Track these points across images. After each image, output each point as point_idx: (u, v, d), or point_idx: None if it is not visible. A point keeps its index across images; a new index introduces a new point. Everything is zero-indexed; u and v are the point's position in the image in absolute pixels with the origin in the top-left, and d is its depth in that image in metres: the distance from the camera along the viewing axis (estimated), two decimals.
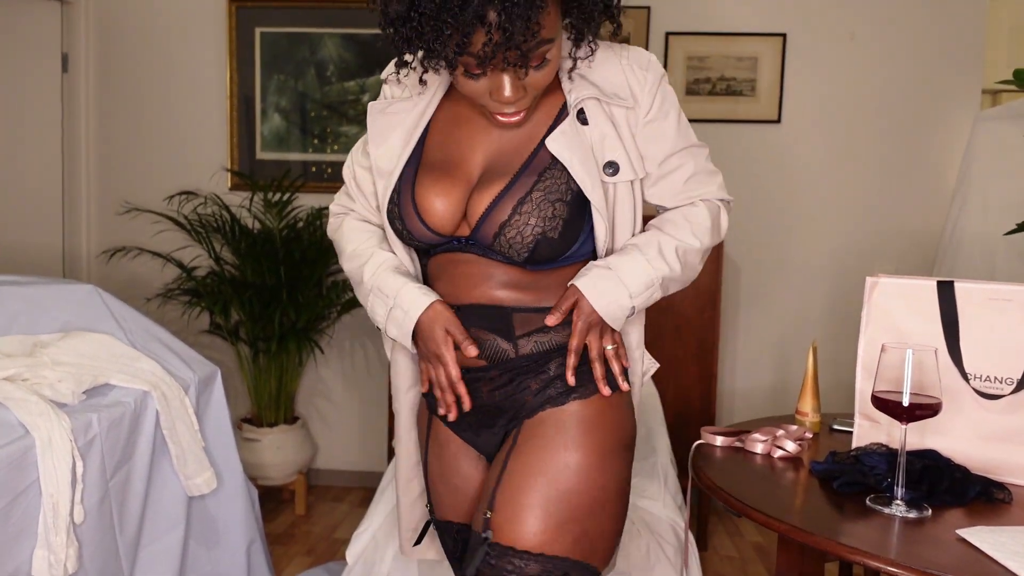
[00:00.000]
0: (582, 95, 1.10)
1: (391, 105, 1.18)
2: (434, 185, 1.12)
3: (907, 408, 1.14)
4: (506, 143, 1.13)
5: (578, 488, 1.08)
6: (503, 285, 1.12)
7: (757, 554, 2.76)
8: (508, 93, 1.03)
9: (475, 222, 1.10)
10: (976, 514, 1.16)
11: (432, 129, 1.17)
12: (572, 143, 1.08)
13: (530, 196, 1.07)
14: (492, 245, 1.09)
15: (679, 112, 1.17)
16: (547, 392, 1.13)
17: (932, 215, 3.08)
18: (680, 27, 3.09)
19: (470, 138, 1.14)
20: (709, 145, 1.24)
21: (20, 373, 1.69)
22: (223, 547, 2.05)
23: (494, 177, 1.10)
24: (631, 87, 1.12)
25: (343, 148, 3.22)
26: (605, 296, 1.08)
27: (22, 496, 1.46)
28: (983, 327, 1.30)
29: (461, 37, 0.95)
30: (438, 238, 1.13)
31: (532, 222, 1.06)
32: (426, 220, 1.12)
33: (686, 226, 1.14)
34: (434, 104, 1.18)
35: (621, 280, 1.08)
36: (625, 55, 1.14)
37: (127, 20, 3.24)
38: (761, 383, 3.22)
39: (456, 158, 1.14)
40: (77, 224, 3.26)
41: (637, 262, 1.10)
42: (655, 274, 1.10)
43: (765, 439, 1.42)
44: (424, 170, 1.14)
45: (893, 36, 3.05)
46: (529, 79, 1.04)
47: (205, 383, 2.03)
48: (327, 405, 3.34)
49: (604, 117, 1.10)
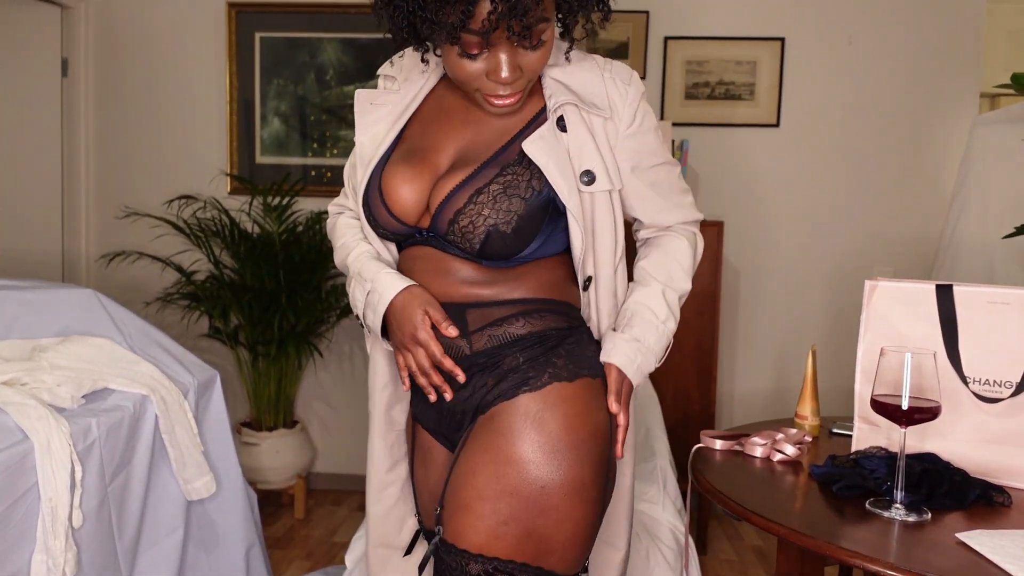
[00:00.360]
0: (561, 100, 1.10)
1: (379, 96, 1.19)
2: (402, 173, 1.12)
3: (906, 412, 1.14)
4: (480, 136, 1.12)
5: (520, 486, 1.01)
6: (460, 281, 1.11)
7: (757, 558, 2.76)
8: (506, 73, 1.03)
9: (434, 209, 1.09)
10: (976, 517, 1.16)
11: (414, 120, 1.17)
12: (550, 148, 1.08)
13: (488, 188, 1.06)
14: (446, 235, 1.08)
15: (656, 128, 1.19)
16: (500, 386, 1.09)
17: (931, 219, 3.09)
18: (679, 31, 3.09)
19: (447, 130, 1.14)
20: (709, 149, 1.25)
21: (19, 377, 1.68)
22: (222, 551, 2.05)
23: (459, 167, 1.10)
24: (610, 98, 1.13)
25: (342, 152, 3.22)
26: (642, 369, 1.14)
27: (21, 500, 1.46)
28: (982, 330, 1.30)
29: (466, 6, 0.95)
30: (403, 227, 1.13)
31: (485, 212, 1.05)
32: (391, 208, 1.12)
33: (678, 270, 1.19)
34: (421, 96, 1.18)
35: (651, 350, 1.14)
36: (608, 68, 1.15)
37: (127, 25, 3.24)
38: (760, 386, 3.22)
39: (429, 147, 1.13)
40: (76, 228, 3.26)
41: (655, 328, 1.14)
42: (669, 333, 1.16)
43: (765, 443, 1.42)
44: (395, 158, 1.14)
45: (891, 40, 3.06)
46: (525, 60, 1.04)
47: (204, 387, 2.03)
48: (326, 409, 3.34)
49: (583, 126, 1.11)
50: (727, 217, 3.04)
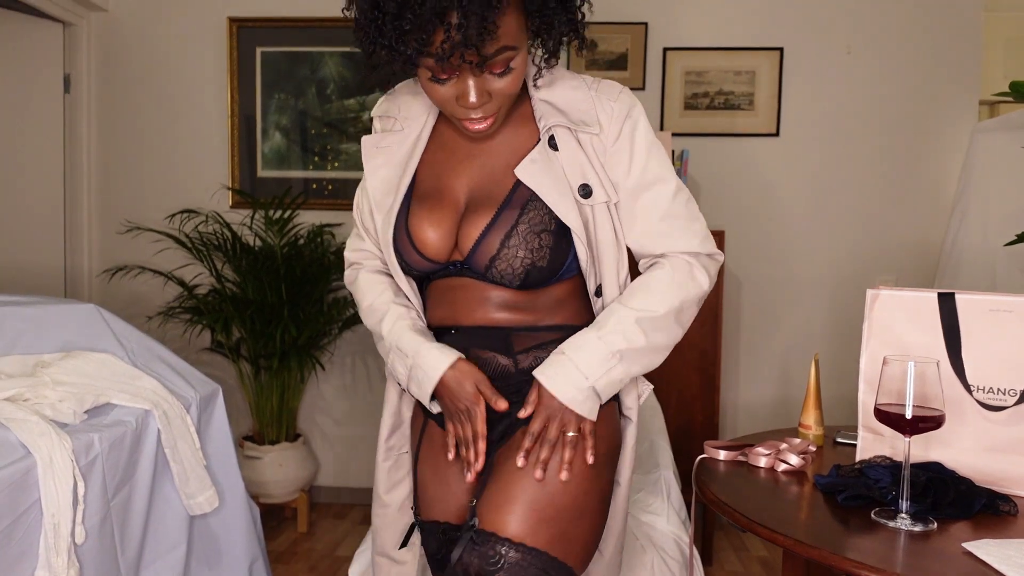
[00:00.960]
0: (551, 121, 1.14)
1: (384, 138, 1.22)
2: (426, 216, 1.16)
3: (910, 420, 1.14)
4: (487, 171, 1.16)
5: (563, 492, 1.10)
6: (500, 307, 1.16)
7: (763, 569, 2.74)
8: (473, 98, 1.06)
9: (466, 252, 1.14)
10: (982, 527, 1.15)
11: (423, 160, 1.20)
12: (543, 170, 1.12)
13: (515, 230, 1.11)
14: (485, 274, 1.14)
15: (650, 145, 1.16)
16: None
17: (932, 227, 3.09)
18: (677, 42, 3.11)
19: (454, 166, 1.18)
20: (709, 159, 1.24)
21: (21, 393, 1.68)
22: (225, 566, 2.04)
23: (479, 208, 1.14)
24: (599, 116, 1.15)
25: (343, 165, 3.23)
26: (560, 383, 1.09)
27: (23, 517, 1.46)
28: (985, 338, 1.30)
29: (421, 35, 0.98)
30: (434, 266, 1.17)
31: (520, 254, 1.11)
32: (421, 250, 1.16)
33: (644, 293, 1.13)
34: (425, 134, 1.21)
35: (576, 365, 1.09)
36: (596, 86, 1.17)
37: (129, 40, 3.26)
38: (764, 396, 3.21)
39: (443, 187, 1.17)
40: (78, 243, 3.27)
41: (589, 341, 1.11)
42: (608, 349, 1.10)
43: (768, 453, 1.42)
44: (416, 201, 1.18)
45: (889, 49, 3.07)
46: (494, 86, 1.07)
47: (207, 401, 2.03)
48: (329, 422, 3.33)
49: (574, 142, 1.14)
50: (728, 227, 3.05)
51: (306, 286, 2.92)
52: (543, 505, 1.09)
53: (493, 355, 1.16)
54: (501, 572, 1.06)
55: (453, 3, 0.96)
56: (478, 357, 1.16)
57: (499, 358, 1.16)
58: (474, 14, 0.96)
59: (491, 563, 1.06)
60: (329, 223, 3.18)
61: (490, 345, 1.16)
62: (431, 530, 1.25)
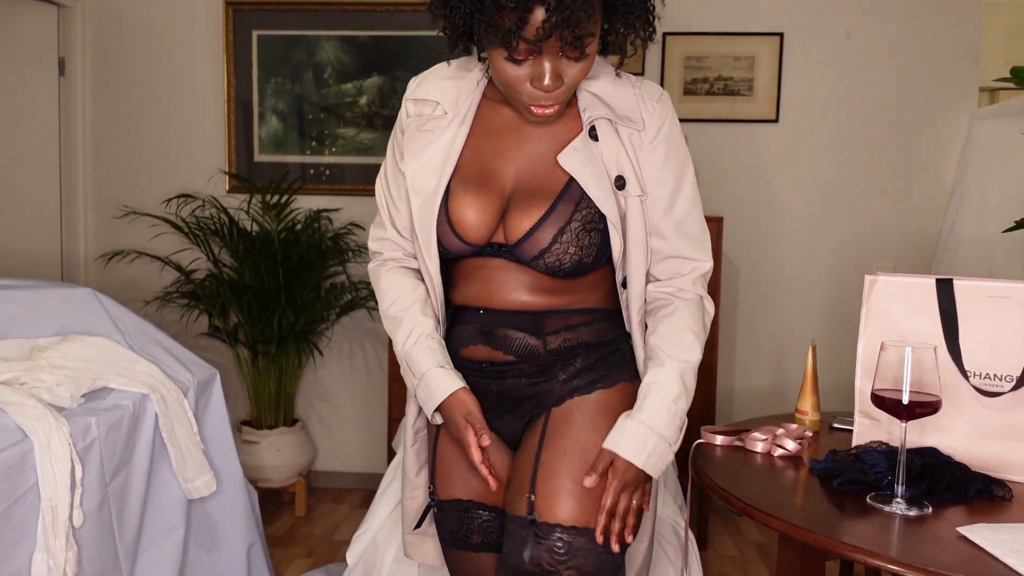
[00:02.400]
0: (596, 113, 1.17)
1: (427, 122, 1.21)
2: (470, 199, 1.17)
3: (907, 406, 1.14)
4: (535, 159, 1.18)
5: None
6: (534, 290, 1.19)
7: (758, 553, 2.76)
8: (548, 80, 1.08)
9: (514, 240, 1.16)
10: (977, 511, 1.16)
11: (466, 144, 1.21)
12: (584, 158, 1.15)
13: (569, 226, 1.14)
14: (530, 263, 1.16)
15: (680, 155, 1.20)
16: (574, 382, 1.20)
17: (930, 213, 3.09)
18: (677, 27, 3.09)
19: (500, 151, 1.20)
20: (708, 145, 1.25)
21: (18, 377, 1.68)
22: (223, 550, 2.05)
23: (529, 197, 1.16)
24: (642, 113, 1.18)
25: (340, 150, 3.22)
26: (656, 456, 1.12)
27: (21, 500, 1.46)
28: (982, 324, 1.30)
29: (522, 13, 1.00)
30: (469, 249, 1.19)
31: (571, 251, 1.14)
32: (460, 233, 1.17)
33: (689, 336, 1.18)
34: (469, 118, 1.21)
35: (661, 436, 1.12)
36: (639, 85, 1.20)
37: (123, 23, 3.24)
38: (760, 382, 3.22)
39: (488, 171, 1.19)
40: (75, 228, 3.26)
41: (666, 408, 1.13)
42: (681, 411, 1.14)
43: (765, 438, 1.42)
44: (457, 183, 1.19)
45: (889, 34, 3.06)
46: (568, 70, 1.09)
47: (204, 386, 2.03)
48: (326, 407, 3.34)
49: (614, 135, 1.17)
50: (726, 213, 3.04)
51: (303, 271, 2.92)
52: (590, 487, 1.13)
53: (523, 336, 1.18)
54: (573, 560, 1.11)
55: None
56: (506, 336, 1.19)
57: (529, 339, 1.19)
58: None
59: (559, 554, 1.11)
60: (326, 208, 3.16)
61: (520, 325, 1.19)
62: (452, 508, 1.27)
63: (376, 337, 3.28)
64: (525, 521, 1.14)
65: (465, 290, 1.23)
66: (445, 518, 1.28)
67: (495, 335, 1.19)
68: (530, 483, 1.15)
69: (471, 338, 1.21)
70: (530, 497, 1.14)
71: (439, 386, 1.18)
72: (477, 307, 1.21)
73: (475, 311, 1.21)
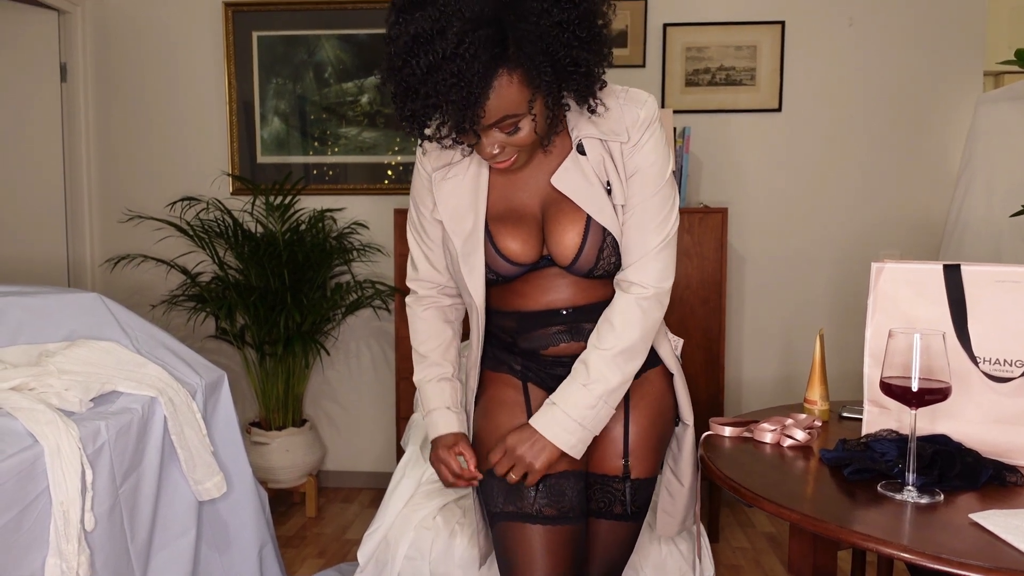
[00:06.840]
0: (582, 133, 1.25)
1: (450, 170, 1.31)
2: (509, 233, 1.28)
3: (916, 393, 1.13)
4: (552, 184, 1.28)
5: (650, 429, 1.38)
6: (567, 288, 1.32)
7: (769, 544, 2.76)
8: (487, 151, 1.18)
9: (566, 263, 1.27)
10: (989, 498, 1.15)
11: (490, 184, 1.31)
12: (575, 177, 1.24)
13: (605, 243, 1.26)
14: (585, 275, 1.29)
15: (660, 160, 1.26)
16: None
17: (936, 199, 3.07)
18: (677, 18, 3.07)
19: (520, 185, 1.30)
20: (711, 136, 1.25)
21: (27, 383, 1.69)
22: (235, 551, 2.06)
23: (563, 218, 1.26)
24: (627, 126, 1.24)
25: (343, 150, 3.22)
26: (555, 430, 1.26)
27: (32, 505, 1.47)
28: (991, 310, 1.29)
29: (423, 120, 1.13)
30: (521, 269, 1.30)
31: (614, 260, 1.28)
32: (509, 257, 1.29)
33: (606, 327, 1.28)
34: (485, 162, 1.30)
35: (566, 413, 1.25)
36: (624, 94, 1.26)
37: (124, 28, 3.24)
38: (768, 372, 3.21)
39: (518, 205, 1.30)
40: (80, 233, 3.27)
41: (575, 391, 1.26)
42: (596, 396, 1.25)
43: (774, 428, 1.41)
44: (494, 221, 1.29)
45: (892, 20, 3.04)
46: (509, 140, 1.17)
47: (212, 388, 2.03)
48: (335, 407, 3.34)
49: (601, 148, 1.25)
50: (731, 203, 3.03)
51: (308, 272, 2.92)
52: (660, 446, 1.40)
53: (557, 330, 1.32)
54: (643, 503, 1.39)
55: (440, 101, 1.07)
56: (541, 335, 1.33)
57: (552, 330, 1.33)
58: (460, 108, 1.07)
59: (637, 501, 1.38)
60: (330, 208, 3.17)
61: (591, 317, 1.31)
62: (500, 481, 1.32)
63: (382, 336, 3.28)
64: (622, 477, 1.35)
65: (505, 299, 1.35)
66: (491, 491, 1.33)
67: (581, 329, 1.31)
68: (623, 451, 1.36)
69: (553, 338, 1.33)
70: (625, 460, 1.36)
71: (441, 423, 1.38)
72: (558, 309, 1.32)
73: (555, 313, 1.32)
